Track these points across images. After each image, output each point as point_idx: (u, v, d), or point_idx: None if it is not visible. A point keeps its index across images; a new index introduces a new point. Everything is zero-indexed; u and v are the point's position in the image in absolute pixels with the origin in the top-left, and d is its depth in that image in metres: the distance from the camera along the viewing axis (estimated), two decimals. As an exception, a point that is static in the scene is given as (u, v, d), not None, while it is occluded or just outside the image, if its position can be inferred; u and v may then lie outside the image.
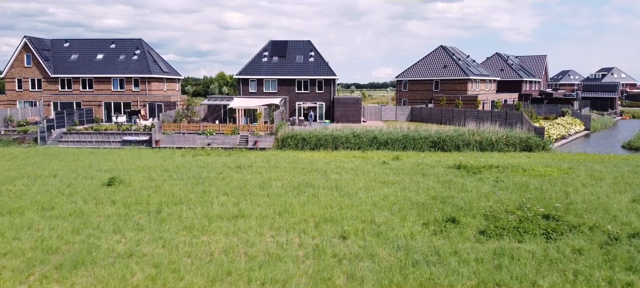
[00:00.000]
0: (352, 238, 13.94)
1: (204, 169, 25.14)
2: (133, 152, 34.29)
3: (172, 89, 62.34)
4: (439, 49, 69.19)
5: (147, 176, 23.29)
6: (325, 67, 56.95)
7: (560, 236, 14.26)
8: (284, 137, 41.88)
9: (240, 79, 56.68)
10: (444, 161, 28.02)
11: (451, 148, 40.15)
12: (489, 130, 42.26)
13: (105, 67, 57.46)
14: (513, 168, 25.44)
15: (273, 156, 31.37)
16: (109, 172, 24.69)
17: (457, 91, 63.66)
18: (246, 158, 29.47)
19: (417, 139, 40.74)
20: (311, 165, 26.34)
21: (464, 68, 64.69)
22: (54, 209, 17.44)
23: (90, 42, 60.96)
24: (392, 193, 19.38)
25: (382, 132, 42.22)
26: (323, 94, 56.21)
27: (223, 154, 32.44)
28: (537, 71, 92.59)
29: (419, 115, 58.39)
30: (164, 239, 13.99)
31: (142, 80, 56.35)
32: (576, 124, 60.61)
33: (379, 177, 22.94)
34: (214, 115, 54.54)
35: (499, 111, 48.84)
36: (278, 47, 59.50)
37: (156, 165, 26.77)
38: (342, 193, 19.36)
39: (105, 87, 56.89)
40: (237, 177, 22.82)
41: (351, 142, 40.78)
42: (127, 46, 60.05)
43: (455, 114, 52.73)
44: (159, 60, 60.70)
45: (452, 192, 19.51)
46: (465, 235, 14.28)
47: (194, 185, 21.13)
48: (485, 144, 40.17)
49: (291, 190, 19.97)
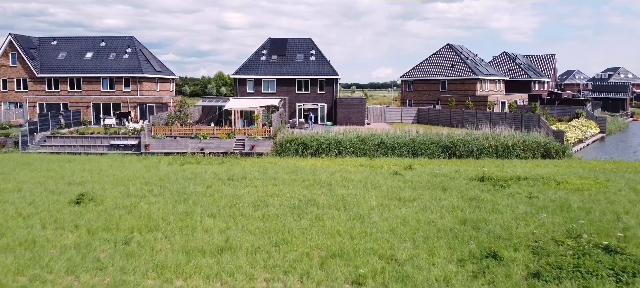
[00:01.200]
0: (369, 285, 10.79)
1: (191, 182, 21.98)
2: (116, 159, 31.10)
3: (166, 90, 59.18)
4: (446, 48, 65.99)
5: (124, 191, 20.15)
6: (327, 66, 53.78)
7: (633, 278, 11.16)
8: (283, 141, 38.77)
9: (237, 78, 53.48)
10: (463, 171, 24.84)
11: (464, 154, 37.04)
12: (505, 134, 39.16)
13: (94, 66, 54.32)
14: (544, 180, 22.30)
15: (271, 164, 28.22)
16: (81, 185, 21.55)
17: (466, 91, 60.50)
18: (240, 168, 26.31)
19: (427, 143, 37.64)
20: (313, 176, 23.21)
21: (472, 67, 61.51)
22: (3, 237, 14.33)
23: (79, 40, 57.83)
24: (412, 214, 16.23)
25: (389, 136, 39.12)
26: (325, 95, 53.04)
27: (215, 162, 29.25)
28: (546, 71, 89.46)
29: (426, 117, 55.19)
30: (127, 285, 10.85)
31: (133, 80, 53.20)
32: (591, 126, 57.47)
33: (393, 191, 19.79)
34: (209, 117, 51.38)
35: (514, 113, 45.49)
36: (277, 45, 56.31)
37: (137, 175, 23.62)
38: (351, 215, 16.21)
39: (94, 87, 53.74)
40: (228, 192, 19.68)
41: (356, 147, 37.66)
42: (118, 44, 56.91)
43: (465, 116, 49.53)
44: (151, 59, 57.52)
45: (483, 213, 16.35)
46: (513, 279, 11.14)
47: (176, 203, 17.97)
48: (501, 150, 37.06)
49: (291, 210, 16.84)
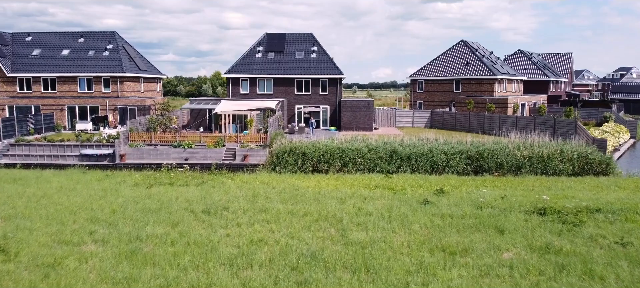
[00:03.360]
0: None
1: (152, 216, 16.33)
2: (73, 176, 25.34)
3: (152, 90, 53.55)
4: (460, 44, 60.34)
5: (57, 233, 14.54)
6: (330, 64, 48.15)
7: None
8: (280, 151, 33.20)
9: (229, 78, 47.82)
10: (511, 197, 19.15)
11: (492, 166, 31.52)
12: (538, 142, 33.60)
13: (71, 65, 48.70)
14: (622, 212, 16.71)
15: (263, 185, 22.57)
16: (4, 221, 15.93)
17: (482, 92, 54.87)
18: (224, 191, 20.64)
19: (448, 154, 32.08)
20: (318, 206, 17.60)
21: (489, 66, 55.87)
22: None
23: (55, 36, 52.22)
24: (471, 285, 10.63)
25: (403, 145, 33.53)
26: (327, 96, 47.42)
27: (193, 182, 23.49)
28: (562, 70, 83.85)
29: (440, 120, 49.51)
30: None
31: (113, 79, 47.58)
32: (622, 131, 51.92)
33: (432, 235, 14.17)
34: (198, 121, 45.75)
35: (546, 118, 39.64)
36: (275, 41, 50.66)
37: (87, 205, 17.99)
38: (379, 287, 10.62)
39: (70, 88, 48.12)
40: (199, 238, 14.05)
41: (366, 158, 32.12)
42: (98, 40, 51.29)
43: (487, 120, 43.84)
44: (135, 57, 51.89)
45: (574, 278, 10.75)
46: None
47: (120, 259, 12.36)
48: (536, 162, 31.51)
49: (285, 277, 11.24)
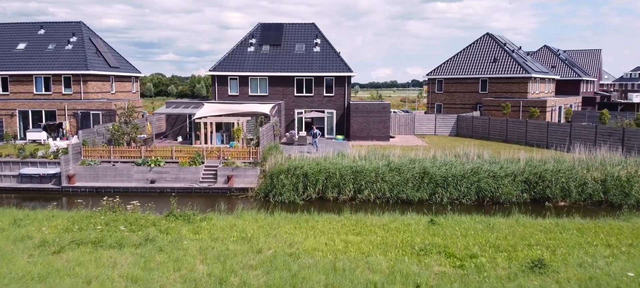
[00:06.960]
0: None
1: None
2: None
3: (126, 91, 45.44)
4: (486, 38, 52.21)
5: None
6: (337, 59, 40.07)
7: None
8: (274, 172, 25.14)
9: (215, 76, 39.70)
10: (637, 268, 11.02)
11: (558, 194, 23.57)
12: (609, 160, 25.63)
13: (27, 61, 40.63)
14: None
15: (242, 247, 14.41)
16: None
17: (514, 93, 46.81)
18: (173, 265, 12.43)
19: (498, 176, 24.07)
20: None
21: (521, 63, 47.80)
22: None
23: (10, 27, 44.15)
24: None
25: (435, 164, 25.45)
26: (333, 99, 39.33)
27: (132, 239, 14.99)
28: (590, 69, 75.82)
29: (469, 127, 41.31)
30: None
31: (75, 78, 39.49)
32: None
33: None
34: (176, 128, 37.63)
35: (610, 127, 31.18)
36: (270, 33, 42.57)
37: None
38: None
39: (25, 88, 40.05)
40: None
41: (388, 182, 24.11)
42: (61, 32, 43.21)
43: (530, 128, 35.63)
44: (105, 51, 43.78)
45: None
46: None
47: None
48: (612, 187, 23.53)
49: None
